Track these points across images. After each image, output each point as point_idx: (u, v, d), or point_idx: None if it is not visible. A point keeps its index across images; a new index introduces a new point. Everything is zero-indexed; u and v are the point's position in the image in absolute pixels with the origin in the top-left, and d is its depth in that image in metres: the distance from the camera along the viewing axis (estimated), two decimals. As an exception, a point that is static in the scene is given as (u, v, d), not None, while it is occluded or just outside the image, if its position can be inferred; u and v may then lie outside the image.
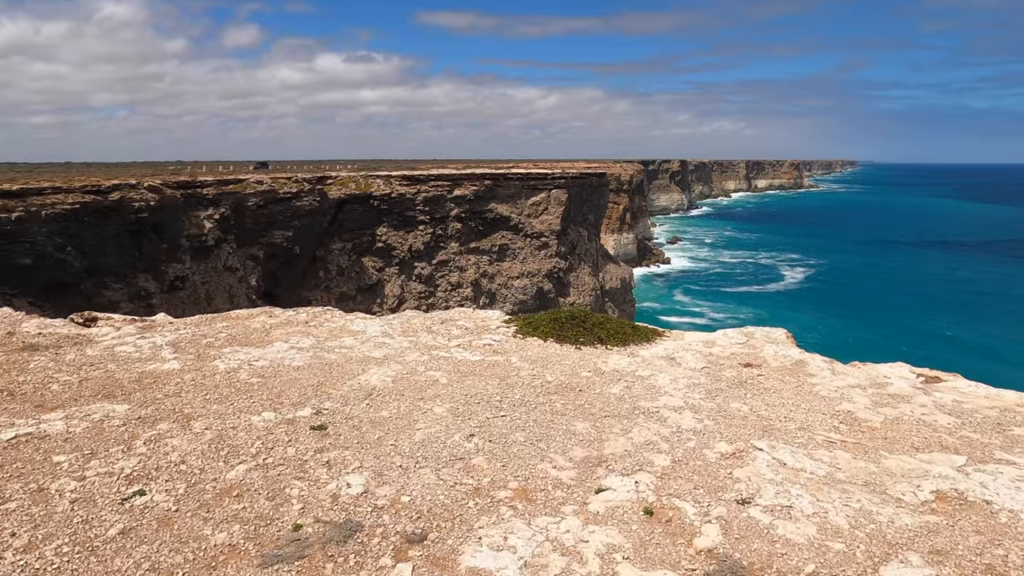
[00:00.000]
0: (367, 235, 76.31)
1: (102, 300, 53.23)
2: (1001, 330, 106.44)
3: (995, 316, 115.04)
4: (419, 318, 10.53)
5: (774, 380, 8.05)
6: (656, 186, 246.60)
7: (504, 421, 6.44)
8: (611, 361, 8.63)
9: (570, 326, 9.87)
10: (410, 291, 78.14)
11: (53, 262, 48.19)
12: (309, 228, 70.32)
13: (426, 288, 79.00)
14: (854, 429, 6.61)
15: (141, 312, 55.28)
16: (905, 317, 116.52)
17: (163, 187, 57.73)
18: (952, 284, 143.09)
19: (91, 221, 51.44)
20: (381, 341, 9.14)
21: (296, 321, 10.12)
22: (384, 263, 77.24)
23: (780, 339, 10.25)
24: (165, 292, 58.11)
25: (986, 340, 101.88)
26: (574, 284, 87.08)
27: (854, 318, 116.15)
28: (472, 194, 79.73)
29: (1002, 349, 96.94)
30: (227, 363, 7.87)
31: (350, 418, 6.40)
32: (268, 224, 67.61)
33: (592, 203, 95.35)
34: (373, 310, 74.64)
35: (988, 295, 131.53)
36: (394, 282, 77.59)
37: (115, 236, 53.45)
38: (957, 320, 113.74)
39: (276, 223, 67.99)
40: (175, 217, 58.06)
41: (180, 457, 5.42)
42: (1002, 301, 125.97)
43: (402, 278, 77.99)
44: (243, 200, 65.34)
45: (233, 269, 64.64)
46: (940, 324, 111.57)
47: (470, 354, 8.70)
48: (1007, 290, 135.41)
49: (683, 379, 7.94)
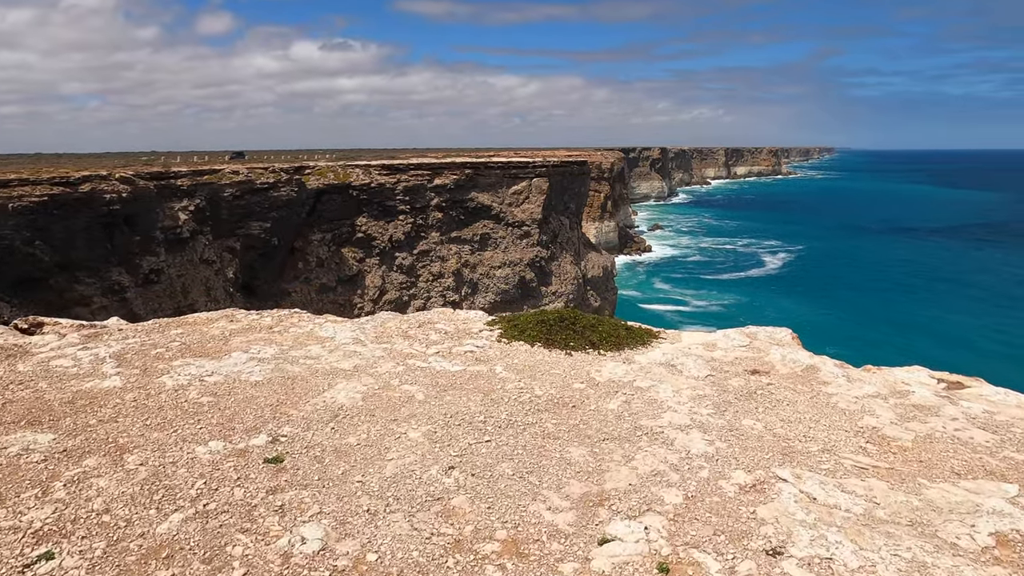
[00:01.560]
0: (346, 226, 75.05)
1: (74, 295, 51.99)
2: (971, 316, 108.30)
3: (965, 301, 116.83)
4: (395, 321, 9.67)
5: (786, 390, 7.29)
6: (637, 174, 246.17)
7: (489, 447, 5.62)
8: (606, 369, 7.83)
9: (559, 328, 9.05)
10: (391, 282, 77.02)
11: (22, 256, 46.79)
12: (287, 219, 69.00)
13: (407, 279, 77.91)
14: (884, 450, 5.86)
15: (115, 307, 54.05)
16: (882, 301, 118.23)
17: (135, 178, 56.28)
18: (925, 268, 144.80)
19: (60, 214, 50.00)
20: (352, 349, 8.28)
21: (259, 326, 9.23)
22: (364, 254, 76.02)
23: (785, 340, 9.50)
24: (140, 286, 56.80)
25: (957, 325, 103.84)
26: (556, 273, 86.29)
27: (833, 302, 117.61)
28: (453, 183, 78.64)
29: (972, 336, 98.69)
30: (176, 379, 6.99)
31: (311, 447, 5.56)
32: (245, 215, 66.22)
33: (573, 191, 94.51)
34: (354, 301, 73.66)
35: (960, 279, 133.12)
36: (375, 273, 76.43)
37: (86, 229, 52.01)
38: (928, 304, 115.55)
39: (253, 214, 66.61)
40: (148, 209, 56.64)
41: (104, 504, 4.56)
42: (975, 285, 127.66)
43: (383, 269, 76.85)
44: (219, 191, 63.91)
45: (210, 261, 63.26)
46: (914, 308, 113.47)
47: (450, 363, 7.86)
48: (979, 274, 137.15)
49: (687, 390, 7.15)
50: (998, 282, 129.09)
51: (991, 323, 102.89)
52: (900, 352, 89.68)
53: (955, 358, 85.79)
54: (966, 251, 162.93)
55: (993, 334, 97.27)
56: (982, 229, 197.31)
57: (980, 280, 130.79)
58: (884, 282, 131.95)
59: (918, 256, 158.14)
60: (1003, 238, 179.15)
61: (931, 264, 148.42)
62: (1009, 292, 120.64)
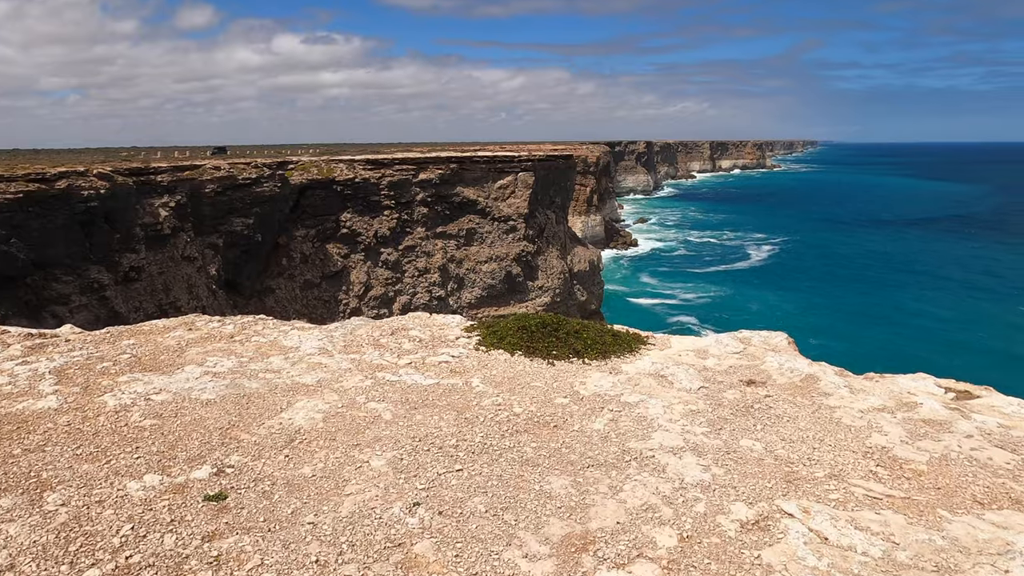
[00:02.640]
0: (331, 221, 74.22)
1: (51, 293, 51.12)
2: (955, 301, 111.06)
3: (953, 289, 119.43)
4: (366, 328, 9.04)
5: (785, 403, 6.73)
6: (622, 167, 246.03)
7: (460, 478, 5.03)
8: (591, 381, 7.25)
9: (541, 336, 8.46)
10: (376, 277, 76.26)
11: (-4, 255, 45.82)
12: (270, 215, 68.12)
13: (393, 274, 77.16)
14: (897, 475, 5.30)
15: (94, 305, 53.13)
16: (867, 291, 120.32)
17: (114, 174, 55.26)
18: (904, 260, 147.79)
19: (36, 211, 49.01)
20: (317, 361, 7.65)
21: (220, 335, 8.58)
22: (349, 249, 75.21)
23: (781, 346, 8.94)
24: (119, 283, 55.91)
25: (941, 310, 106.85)
26: (542, 268, 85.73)
27: (819, 294, 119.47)
28: (438, 178, 77.90)
29: (948, 316, 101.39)
30: (119, 398, 6.35)
31: (260, 479, 4.95)
32: (227, 211, 65.32)
33: (559, 185, 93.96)
34: (339, 297, 72.89)
35: (944, 270, 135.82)
36: (360, 269, 75.65)
37: (63, 226, 51.03)
38: (913, 293, 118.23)
39: (235, 210, 65.71)
40: (128, 206, 55.66)
41: (10, 559, 3.93)
42: (963, 275, 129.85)
43: (368, 264, 76.07)
44: (200, 187, 62.99)
45: (191, 258, 62.35)
46: (900, 297, 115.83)
47: (423, 376, 7.26)
48: (966, 265, 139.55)
49: (678, 405, 6.58)
50: (970, 273, 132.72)
51: (964, 310, 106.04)
52: (882, 344, 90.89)
53: (936, 349, 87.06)
54: (944, 243, 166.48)
55: (967, 323, 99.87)
56: (958, 221, 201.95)
57: (953, 271, 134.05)
58: (866, 273, 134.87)
59: (898, 248, 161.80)
60: (977, 230, 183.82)
61: (910, 256, 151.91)
62: (978, 282, 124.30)
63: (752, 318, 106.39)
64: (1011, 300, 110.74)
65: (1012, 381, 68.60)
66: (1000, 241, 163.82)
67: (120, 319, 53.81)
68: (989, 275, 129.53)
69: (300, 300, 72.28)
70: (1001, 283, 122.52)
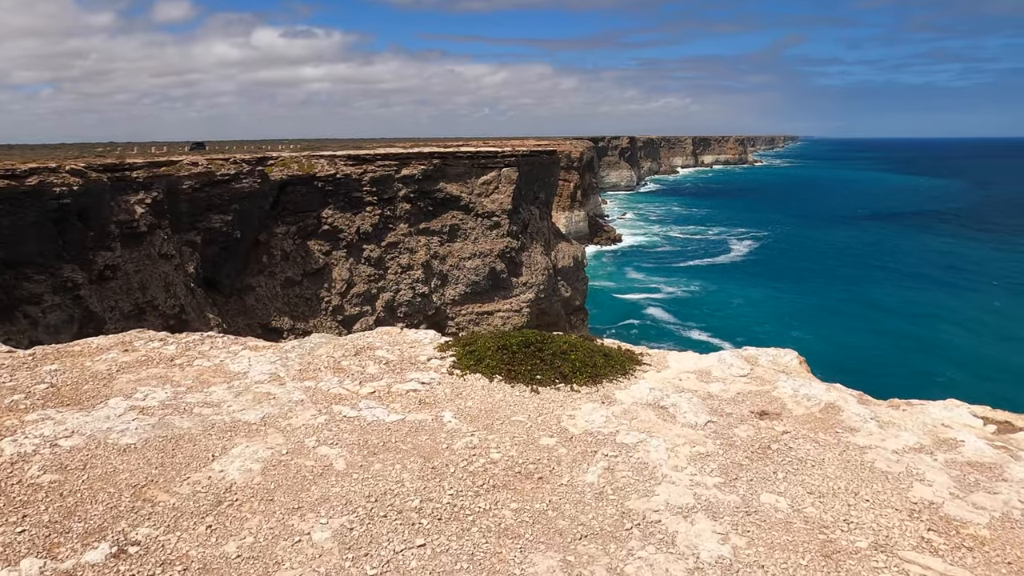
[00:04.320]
0: (312, 218, 72.89)
1: (23, 293, 49.81)
2: (929, 295, 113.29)
3: (928, 283, 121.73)
4: (327, 347, 8.00)
5: (807, 442, 5.78)
6: (606, 163, 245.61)
7: (421, 558, 4.04)
8: (581, 415, 6.27)
9: (524, 356, 7.46)
10: (359, 275, 75.00)
11: (-37, 254, 44.44)
12: (250, 212, 66.77)
13: (376, 271, 75.92)
14: (955, 543, 4.36)
15: (68, 304, 51.71)
16: (846, 285, 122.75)
17: (87, 170, 53.81)
18: (887, 254, 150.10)
19: (6, 209, 47.62)
20: (265, 391, 6.62)
21: (159, 357, 7.53)
22: (331, 246, 73.91)
23: (792, 366, 8.00)
24: (94, 282, 54.54)
25: (915, 304, 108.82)
26: (527, 264, 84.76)
27: (799, 287, 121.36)
28: (421, 173, 76.72)
29: (939, 312, 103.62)
30: (20, 444, 5.31)
31: (170, 562, 3.94)
32: (205, 208, 63.96)
33: (543, 181, 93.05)
34: (321, 294, 71.64)
35: (920, 265, 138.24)
36: (342, 266, 74.37)
37: (35, 224, 49.63)
38: (892, 287, 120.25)
39: (214, 207, 64.36)
40: (102, 202, 54.23)
41: None
42: (938, 270, 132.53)
43: (350, 261, 74.79)
44: (177, 183, 61.59)
45: (169, 256, 60.96)
46: (878, 291, 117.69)
47: (386, 410, 6.24)
48: (941, 260, 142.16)
49: (684, 447, 5.61)
50: (945, 268, 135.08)
51: (938, 304, 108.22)
52: (861, 336, 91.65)
53: (911, 342, 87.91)
54: (921, 238, 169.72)
55: (939, 317, 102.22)
56: (935, 216, 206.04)
57: (928, 266, 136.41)
58: (843, 268, 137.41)
59: (877, 243, 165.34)
60: (953, 226, 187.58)
61: (888, 251, 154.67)
62: (951, 277, 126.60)
63: (736, 312, 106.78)
64: (985, 294, 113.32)
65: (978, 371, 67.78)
66: (974, 237, 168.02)
67: (95, 319, 52.38)
68: (964, 271, 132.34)
69: (281, 298, 71.04)
70: (975, 278, 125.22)
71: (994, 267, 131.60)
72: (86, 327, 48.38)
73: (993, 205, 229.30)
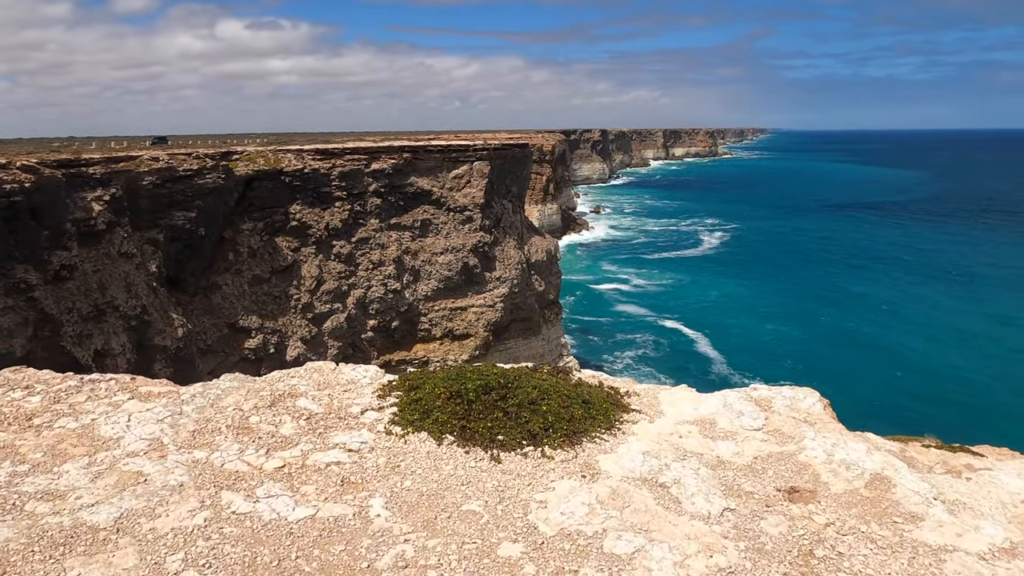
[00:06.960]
0: (279, 214, 70.86)
1: (-27, 295, 47.35)
2: (894, 283, 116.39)
3: (893, 272, 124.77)
4: (237, 395, 6.31)
5: (861, 542, 4.37)
6: (578, 156, 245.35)
7: None
8: (555, 500, 4.85)
9: (482, 408, 5.90)
10: (329, 271, 73.11)
11: (-94, 256, 42.01)
12: (214, 208, 64.60)
13: (346, 267, 74.10)
14: None
15: (21, 307, 49.31)
16: (815, 275, 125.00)
17: (40, 166, 51.42)
18: (853, 244, 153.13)
19: (-48, 207, 45.26)
20: (137, 468, 5.03)
21: (15, 415, 5.73)
22: (300, 243, 71.95)
23: (815, 412, 6.50)
24: (50, 283, 52.11)
25: (884, 293, 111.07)
26: (500, 258, 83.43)
27: (770, 278, 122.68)
28: (391, 168, 75.02)
29: (902, 302, 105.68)
30: None
31: None
32: (167, 205, 61.70)
33: (515, 174, 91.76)
34: (290, 292, 69.68)
35: (886, 254, 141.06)
36: (311, 262, 72.43)
37: (-15, 223, 47.27)
38: (858, 275, 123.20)
39: (176, 203, 62.11)
40: (56, 199, 51.88)
41: None
42: (905, 259, 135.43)
43: (320, 258, 72.89)
44: (137, 179, 59.28)
45: (129, 255, 58.63)
46: (847, 280, 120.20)
47: (293, 499, 4.74)
48: (906, 249, 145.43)
49: (697, 555, 4.17)
50: (912, 256, 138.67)
51: (902, 292, 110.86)
52: (833, 324, 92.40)
53: (880, 330, 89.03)
54: (886, 227, 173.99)
55: (905, 304, 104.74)
56: (899, 207, 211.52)
57: (894, 255, 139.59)
58: (812, 258, 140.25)
59: (844, 233, 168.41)
60: (917, 214, 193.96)
61: (855, 241, 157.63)
62: (916, 265, 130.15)
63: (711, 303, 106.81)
64: (942, 282, 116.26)
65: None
66: (938, 227, 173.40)
67: (51, 321, 50.11)
68: (928, 259, 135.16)
69: (249, 296, 68.95)
70: (936, 266, 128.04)
71: (958, 257, 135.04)
72: (41, 330, 46.18)
73: (952, 196, 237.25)
